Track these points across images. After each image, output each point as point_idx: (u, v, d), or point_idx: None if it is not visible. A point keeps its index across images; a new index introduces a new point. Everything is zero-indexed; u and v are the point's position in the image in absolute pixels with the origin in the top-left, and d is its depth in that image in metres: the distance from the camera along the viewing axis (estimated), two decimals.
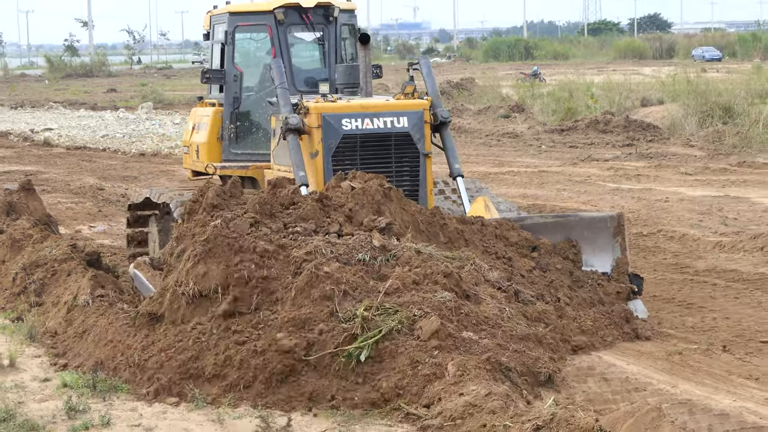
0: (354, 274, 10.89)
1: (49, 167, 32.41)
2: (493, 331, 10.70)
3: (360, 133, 13.66)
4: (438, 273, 10.97)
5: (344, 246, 11.31)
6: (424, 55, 22.67)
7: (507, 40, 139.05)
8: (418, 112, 13.91)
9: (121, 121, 49.63)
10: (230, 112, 15.75)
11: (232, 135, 15.69)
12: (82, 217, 22.92)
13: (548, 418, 8.55)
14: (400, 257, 11.27)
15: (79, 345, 12.18)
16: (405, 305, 10.50)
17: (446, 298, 10.63)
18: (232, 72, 15.67)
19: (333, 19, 15.79)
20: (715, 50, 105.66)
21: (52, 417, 10.23)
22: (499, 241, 12.81)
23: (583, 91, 46.70)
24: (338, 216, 12.03)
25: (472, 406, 9.10)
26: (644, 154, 32.58)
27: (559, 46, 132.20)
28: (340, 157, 13.63)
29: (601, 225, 13.55)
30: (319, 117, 13.56)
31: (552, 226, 13.51)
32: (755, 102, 37.81)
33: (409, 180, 13.91)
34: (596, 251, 13.36)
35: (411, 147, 13.83)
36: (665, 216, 21.20)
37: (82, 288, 13.18)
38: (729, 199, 23.40)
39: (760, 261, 16.66)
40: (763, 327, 12.95)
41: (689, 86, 41.82)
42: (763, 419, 9.86)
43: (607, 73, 68.61)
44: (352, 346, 10.15)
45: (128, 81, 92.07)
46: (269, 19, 15.46)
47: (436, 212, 12.84)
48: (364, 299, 10.56)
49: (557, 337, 11.40)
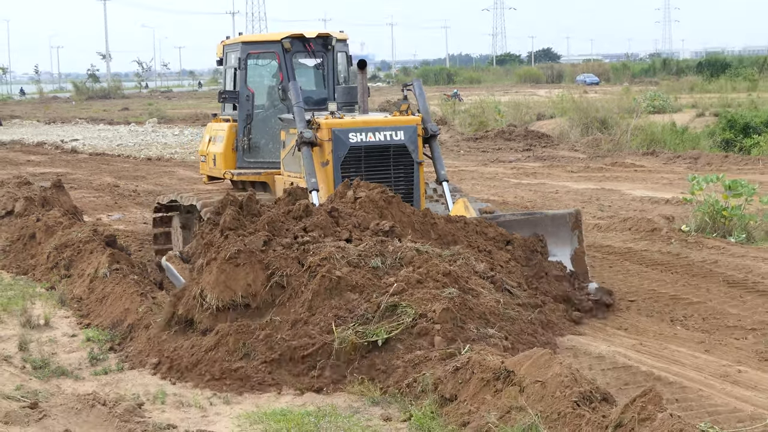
0: (362, 276, 10.16)
1: (76, 169, 32.17)
2: (495, 320, 10.07)
3: (364, 145, 13.08)
4: (438, 272, 10.30)
5: (356, 251, 10.56)
6: (417, 78, 22.19)
7: (433, 69, 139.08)
8: (413, 126, 13.38)
9: (132, 133, 49.32)
10: (243, 126, 15.17)
11: (245, 146, 15.15)
12: (101, 208, 22.80)
13: (465, 360, 8.57)
14: (403, 258, 10.57)
15: (99, 308, 12.17)
16: (417, 301, 9.77)
17: (453, 294, 9.89)
18: (245, 93, 15.15)
19: (331, 48, 15.34)
20: (594, 76, 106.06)
21: (78, 364, 10.23)
22: (479, 237, 12.25)
23: (493, 108, 46.78)
24: (348, 224, 11.35)
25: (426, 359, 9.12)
26: (539, 157, 32.73)
27: (474, 73, 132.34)
28: (347, 166, 13.05)
29: (562, 220, 13.01)
30: (330, 131, 13.01)
31: (523, 222, 12.93)
32: (624, 116, 38.05)
33: (405, 185, 13.35)
34: (558, 243, 12.82)
35: (407, 157, 13.30)
36: (556, 204, 21.30)
37: (102, 263, 13.14)
38: (605, 191, 23.56)
39: (628, 238, 16.76)
40: (631, 289, 13.05)
41: (574, 104, 42.07)
42: (630, 360, 9.94)
43: (511, 94, 68.83)
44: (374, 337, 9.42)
45: (138, 102, 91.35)
46: (278, 48, 14.97)
47: (427, 213, 12.32)
48: (373, 297, 9.87)
49: (544, 322, 10.88)
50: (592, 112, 38.71)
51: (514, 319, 10.29)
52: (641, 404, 6.99)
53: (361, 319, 9.60)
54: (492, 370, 8.18)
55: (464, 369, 8.46)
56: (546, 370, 7.85)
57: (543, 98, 58.20)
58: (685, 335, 11.13)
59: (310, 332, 9.56)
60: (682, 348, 10.58)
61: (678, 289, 13.25)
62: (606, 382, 9.17)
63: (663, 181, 25.07)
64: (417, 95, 14.25)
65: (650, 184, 24.56)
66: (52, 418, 8.43)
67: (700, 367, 9.88)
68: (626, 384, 9.23)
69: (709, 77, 74.74)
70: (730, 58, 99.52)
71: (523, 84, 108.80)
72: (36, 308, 12.53)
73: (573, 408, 7.31)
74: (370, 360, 9.35)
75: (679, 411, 7.90)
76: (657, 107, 44.71)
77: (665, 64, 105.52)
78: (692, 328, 11.48)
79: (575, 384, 7.50)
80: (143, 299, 11.57)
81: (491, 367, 8.20)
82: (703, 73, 79.65)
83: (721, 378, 9.52)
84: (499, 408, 7.78)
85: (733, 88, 59.83)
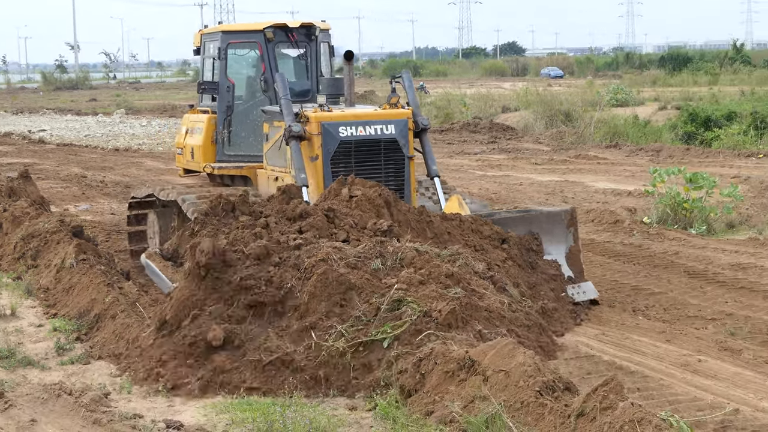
0: (361, 277, 9.58)
1: (43, 160, 31.95)
2: (501, 322, 9.67)
3: (354, 139, 12.55)
4: (441, 273, 9.81)
5: (353, 252, 10.00)
6: (405, 69, 21.95)
7: (400, 61, 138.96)
8: (403, 120, 12.89)
9: (99, 124, 49.01)
10: (223, 119, 14.65)
11: (225, 139, 14.67)
12: (69, 199, 22.66)
13: (428, 351, 8.55)
14: (404, 258, 10.04)
15: (66, 298, 12.06)
16: (422, 298, 9.34)
17: (460, 294, 9.47)
18: (225, 84, 14.61)
19: (314, 38, 14.77)
20: (558, 70, 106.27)
21: (45, 354, 10.15)
22: (475, 235, 11.75)
23: (458, 101, 46.88)
24: (345, 224, 10.87)
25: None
26: (504, 149, 32.80)
27: (440, 66, 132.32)
28: (337, 161, 12.53)
29: (557, 218, 12.59)
30: (319, 125, 12.48)
31: (518, 219, 12.51)
32: (588, 109, 38.21)
33: (395, 181, 12.80)
34: (553, 241, 12.40)
35: (397, 151, 12.76)
36: (520, 196, 21.36)
37: (69, 253, 13.02)
38: (568, 183, 23.63)
39: (590, 230, 16.84)
40: (594, 280, 13.06)
41: (538, 97, 42.24)
42: (593, 350, 10.00)
43: (477, 87, 68.93)
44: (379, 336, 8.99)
45: (106, 92, 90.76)
46: (260, 37, 14.38)
47: (423, 211, 11.75)
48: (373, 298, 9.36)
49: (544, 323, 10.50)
50: (556, 105, 38.87)
51: (518, 320, 9.95)
52: (603, 393, 7.01)
53: (358, 322, 9.11)
54: (456, 360, 8.17)
55: (427, 360, 8.44)
56: (509, 359, 7.86)
57: (508, 91, 58.31)
58: (647, 325, 11.19)
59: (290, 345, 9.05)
60: (644, 338, 10.64)
61: (640, 279, 13.32)
62: (569, 372, 9.20)
63: (625, 173, 25.19)
64: (406, 88, 13.79)
65: (613, 177, 24.67)
66: (18, 408, 8.38)
67: (662, 356, 9.94)
68: (589, 373, 9.27)
69: (672, 71, 75.20)
70: (692, 53, 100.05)
71: (489, 77, 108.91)
72: (2, 298, 12.44)
73: (536, 397, 7.32)
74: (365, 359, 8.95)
75: (640, 400, 7.94)
76: (620, 100, 44.91)
77: (628, 58, 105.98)
78: (654, 318, 11.54)
79: (538, 374, 7.51)
80: (110, 289, 11.48)
81: (455, 357, 8.19)
82: (665, 67, 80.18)
83: (682, 367, 9.58)
84: (463, 397, 7.78)
85: (695, 82, 60.24)
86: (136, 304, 11.19)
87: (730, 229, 17.05)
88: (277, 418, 7.94)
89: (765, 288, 12.64)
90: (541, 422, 7.20)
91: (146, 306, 11.26)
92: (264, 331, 9.22)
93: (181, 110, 55.50)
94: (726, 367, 9.59)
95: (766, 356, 9.92)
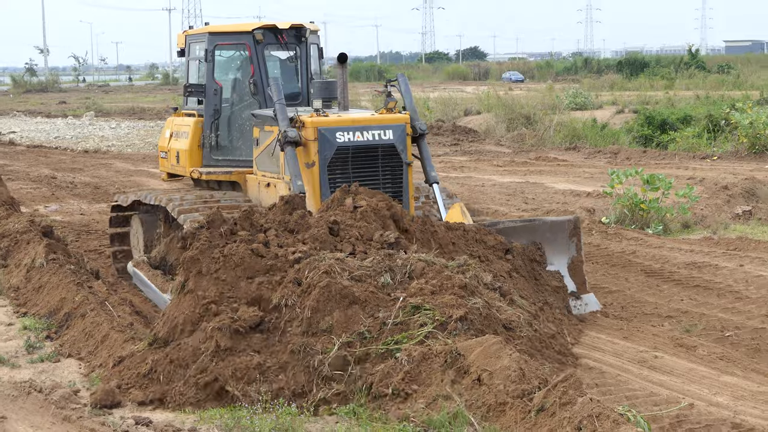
0: (365, 289, 9.03)
1: (13, 161, 31.70)
2: (519, 334, 9.22)
3: (352, 145, 11.79)
4: (454, 285, 9.20)
5: (358, 265, 9.42)
6: (401, 73, 21.59)
7: (365, 65, 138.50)
8: (401, 125, 12.14)
9: (69, 126, 48.61)
10: (211, 122, 13.86)
11: (213, 143, 13.87)
12: (39, 200, 22.50)
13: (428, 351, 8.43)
14: (414, 271, 9.47)
15: (36, 297, 12.01)
16: (438, 307, 8.83)
17: (479, 304, 9.00)
18: (213, 86, 13.82)
19: (304, 40, 13.99)
20: (519, 74, 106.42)
21: (15, 352, 10.10)
22: (479, 245, 11.07)
23: (422, 104, 46.88)
24: (350, 237, 10.13)
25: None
26: (466, 151, 32.85)
27: (404, 71, 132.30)
28: (334, 167, 11.79)
29: (560, 228, 12.07)
30: (316, 130, 11.68)
31: (521, 229, 11.93)
32: (548, 112, 38.36)
33: (393, 187, 12.07)
34: (555, 251, 11.88)
35: (395, 157, 12.04)
36: (482, 197, 21.40)
37: (39, 253, 12.96)
38: (529, 184, 23.70)
39: None
40: None
41: (499, 101, 42.32)
42: (575, 346, 10.03)
43: (439, 91, 68.92)
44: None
45: (75, 95, 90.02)
46: (248, 39, 13.59)
47: (427, 221, 11.04)
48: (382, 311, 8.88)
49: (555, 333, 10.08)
50: (517, 109, 38.97)
51: (536, 332, 9.54)
52: (562, 389, 7.04)
53: (368, 337, 8.65)
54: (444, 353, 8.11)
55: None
56: (496, 360, 7.77)
57: (470, 95, 58.36)
58: (605, 322, 11.25)
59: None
60: (602, 335, 10.70)
61: (598, 278, 13.38)
62: None
63: (584, 175, 25.29)
64: (402, 92, 13.05)
65: (572, 178, 24.76)
66: None
67: (619, 353, 10.00)
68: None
69: (629, 75, 75.54)
70: (649, 58, 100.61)
71: (451, 81, 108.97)
72: None
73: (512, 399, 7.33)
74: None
75: (598, 395, 7.98)
76: (579, 104, 45.10)
77: (587, 62, 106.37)
78: (612, 315, 11.60)
79: (522, 380, 7.42)
80: (80, 289, 11.43)
81: (443, 351, 8.12)
82: (622, 71, 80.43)
83: (639, 363, 9.64)
84: (426, 396, 7.79)
85: (651, 86, 60.51)
86: (106, 303, 11.15)
87: (685, 229, 17.18)
88: (244, 414, 7.93)
89: (719, 286, 12.74)
90: (503, 418, 7.22)
91: (115, 305, 11.21)
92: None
93: (150, 113, 55.27)
94: (681, 363, 9.66)
95: (720, 352, 10.01)
